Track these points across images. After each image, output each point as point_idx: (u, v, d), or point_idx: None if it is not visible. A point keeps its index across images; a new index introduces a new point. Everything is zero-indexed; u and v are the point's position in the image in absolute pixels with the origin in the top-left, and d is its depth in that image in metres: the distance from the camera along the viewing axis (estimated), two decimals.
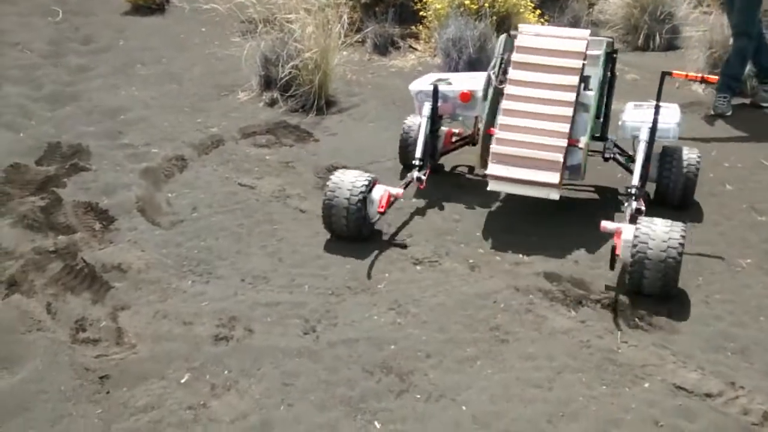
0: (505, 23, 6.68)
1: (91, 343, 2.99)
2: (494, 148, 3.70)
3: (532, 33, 3.86)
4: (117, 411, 2.65)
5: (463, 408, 2.66)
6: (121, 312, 3.18)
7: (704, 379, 2.76)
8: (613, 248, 3.20)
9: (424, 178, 3.91)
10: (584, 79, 3.79)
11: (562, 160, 3.62)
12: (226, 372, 2.84)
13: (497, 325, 3.10)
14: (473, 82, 4.11)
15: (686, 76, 3.98)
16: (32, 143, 4.79)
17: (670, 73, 3.88)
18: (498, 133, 3.72)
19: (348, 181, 3.59)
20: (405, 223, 3.89)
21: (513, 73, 3.78)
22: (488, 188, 3.75)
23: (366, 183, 3.60)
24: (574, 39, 3.83)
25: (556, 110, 3.71)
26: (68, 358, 2.89)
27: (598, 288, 3.31)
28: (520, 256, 3.58)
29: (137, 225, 3.88)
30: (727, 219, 3.92)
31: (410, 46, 6.87)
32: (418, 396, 2.72)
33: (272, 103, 5.51)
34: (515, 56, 3.80)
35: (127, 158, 4.65)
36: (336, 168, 4.50)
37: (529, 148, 3.67)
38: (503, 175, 3.67)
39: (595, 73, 3.83)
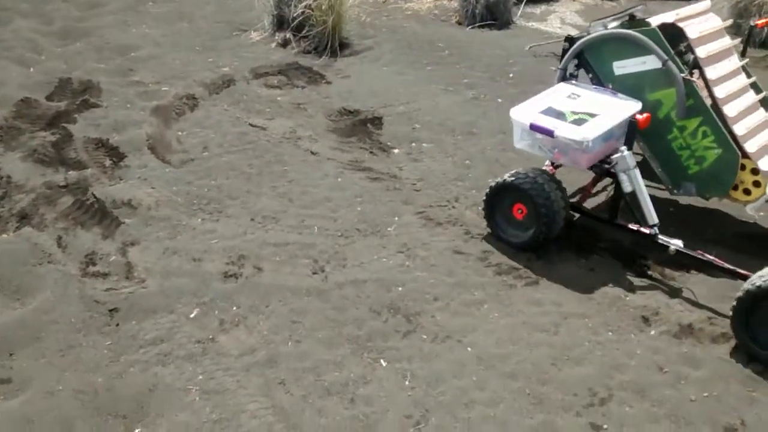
0: None
1: (101, 277, 3.01)
2: (762, 164, 3.07)
3: (682, 19, 3.22)
4: (126, 343, 2.68)
5: (469, 349, 2.68)
6: (131, 247, 3.20)
7: (710, 327, 2.76)
8: None
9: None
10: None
11: None
12: (234, 308, 2.87)
13: (506, 270, 3.10)
14: (625, 103, 3.13)
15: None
16: (42, 78, 4.76)
17: (756, 25, 3.61)
18: (747, 145, 3.10)
19: None
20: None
21: (710, 71, 3.16)
22: (751, 211, 3.19)
23: None
24: (707, 14, 3.39)
25: (750, 98, 3.33)
26: (78, 291, 2.91)
27: (607, 236, 3.28)
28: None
29: (147, 162, 3.87)
30: None
31: None
32: (425, 336, 2.74)
33: (285, 44, 5.43)
34: (699, 51, 3.15)
35: (137, 96, 4.61)
36: (348, 111, 4.48)
37: None
38: None
39: None
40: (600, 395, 2.46)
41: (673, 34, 3.13)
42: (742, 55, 3.55)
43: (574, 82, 3.33)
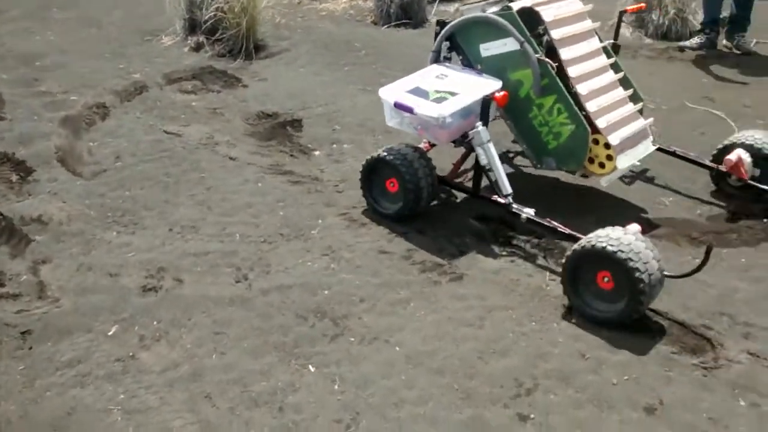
0: None
1: (11, 298, 2.87)
2: (611, 138, 3.28)
3: (539, 3, 3.37)
4: (41, 366, 2.56)
5: (397, 348, 2.68)
6: (43, 265, 3.06)
7: None
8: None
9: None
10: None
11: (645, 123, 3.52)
12: (155, 323, 2.78)
13: (430, 267, 3.12)
14: (487, 82, 3.32)
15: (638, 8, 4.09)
16: None
17: (625, 10, 3.94)
18: (599, 121, 3.29)
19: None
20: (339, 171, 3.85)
21: (565, 52, 3.32)
22: (605, 183, 3.42)
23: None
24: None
25: (607, 78, 3.48)
26: None
27: (525, 228, 3.35)
28: (452, 199, 3.60)
29: (57, 176, 3.71)
30: (651, 159, 4.01)
31: None
32: (352, 339, 2.73)
33: (198, 48, 5.32)
34: (555, 33, 3.32)
35: (44, 106, 4.42)
36: (266, 114, 4.42)
37: (624, 124, 3.41)
38: (630, 162, 3.40)
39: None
40: (526, 385, 2.51)
41: (531, 18, 3.33)
42: (615, 38, 3.81)
43: (446, 64, 3.50)
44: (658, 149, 3.63)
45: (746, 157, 3.51)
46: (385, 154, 3.35)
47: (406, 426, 2.35)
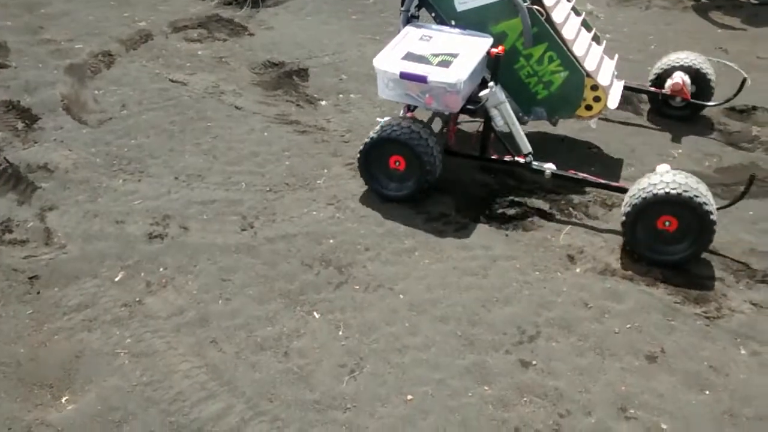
0: None
1: (18, 244, 2.89)
2: (600, 79, 3.30)
3: None
4: (49, 311, 2.60)
5: (401, 296, 2.70)
6: (49, 212, 3.08)
7: (631, 262, 2.85)
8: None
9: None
10: None
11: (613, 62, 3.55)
12: (161, 269, 2.80)
13: (435, 216, 3.12)
14: (478, 39, 3.17)
15: None
16: None
17: None
18: (586, 64, 3.28)
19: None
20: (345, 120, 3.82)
21: (556, 16, 3.25)
22: (594, 125, 3.46)
23: None
24: None
25: (576, 21, 3.48)
26: None
27: (532, 178, 3.32)
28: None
29: (63, 123, 3.70)
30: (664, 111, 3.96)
31: None
32: (357, 287, 2.74)
33: None
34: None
35: (49, 54, 4.39)
36: (273, 63, 4.37)
37: (601, 64, 3.45)
38: (617, 100, 3.38)
39: None
40: (528, 333, 2.53)
41: None
42: None
43: (420, 23, 3.33)
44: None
45: (686, 78, 3.70)
46: (390, 131, 3.08)
47: (409, 371, 2.38)
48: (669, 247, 2.79)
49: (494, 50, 3.08)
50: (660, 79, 3.79)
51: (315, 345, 2.48)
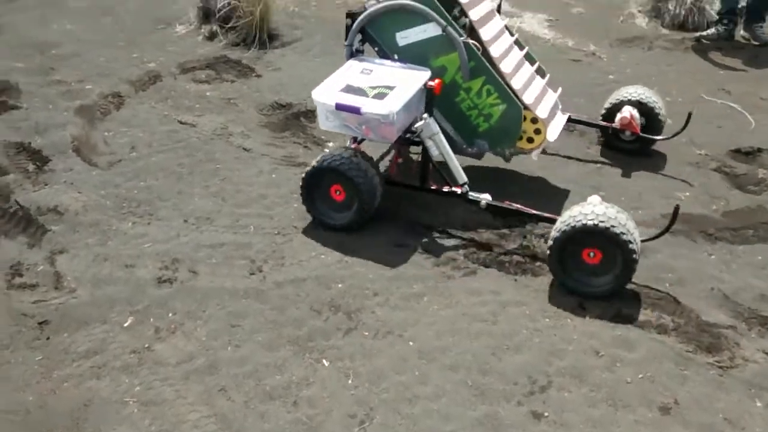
0: None
1: (28, 288, 2.90)
2: (539, 112, 3.37)
3: None
4: (58, 357, 2.59)
5: (410, 343, 2.69)
6: (59, 255, 3.08)
7: (642, 309, 2.85)
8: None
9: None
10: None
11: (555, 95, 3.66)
12: (170, 314, 2.80)
13: (444, 261, 3.12)
14: (416, 72, 3.25)
15: None
16: None
17: None
18: (524, 97, 3.35)
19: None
20: None
21: (483, 33, 3.36)
22: (535, 156, 3.47)
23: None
24: None
25: (517, 55, 3.56)
26: (4, 305, 2.79)
27: (540, 224, 3.33)
28: (471, 194, 3.58)
29: (73, 165, 3.73)
30: (668, 153, 3.98)
31: None
32: (366, 333, 2.73)
33: (211, 37, 5.31)
34: (472, 14, 3.36)
35: (60, 95, 4.43)
36: (280, 105, 4.41)
37: (542, 97, 3.52)
38: (557, 133, 3.46)
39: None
40: (540, 383, 2.51)
41: (446, 1, 3.28)
42: (498, 12, 3.75)
43: (364, 57, 3.40)
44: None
45: (635, 113, 3.78)
46: (329, 161, 3.16)
47: (420, 422, 2.36)
48: (593, 279, 2.85)
49: (431, 83, 3.16)
50: (610, 114, 3.89)
51: (324, 394, 2.47)
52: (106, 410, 2.38)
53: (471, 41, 3.22)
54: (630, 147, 3.92)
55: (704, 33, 5.62)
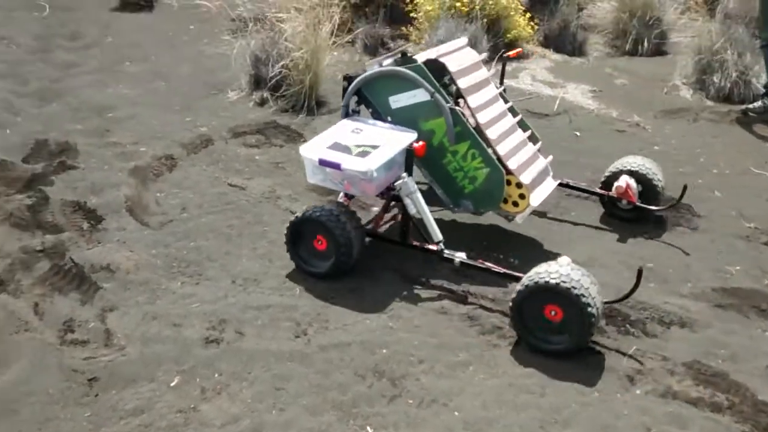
0: (495, 26, 6.70)
1: (79, 345, 2.95)
2: (523, 178, 3.50)
3: (443, 54, 3.60)
4: (106, 414, 2.61)
5: (456, 413, 2.65)
6: (110, 313, 3.15)
7: (695, 385, 2.78)
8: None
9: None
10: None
11: (546, 162, 3.77)
12: (216, 375, 2.82)
13: (489, 329, 3.10)
14: (403, 134, 3.44)
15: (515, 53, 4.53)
16: (19, 140, 4.72)
17: (508, 55, 4.29)
18: (509, 163, 3.51)
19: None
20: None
21: (471, 100, 3.56)
22: (520, 220, 3.59)
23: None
24: (464, 49, 3.81)
25: (508, 122, 3.72)
26: (56, 360, 2.84)
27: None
28: (511, 260, 3.58)
29: (126, 225, 3.84)
30: (717, 226, 3.95)
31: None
32: (411, 401, 2.71)
33: (262, 103, 5.47)
34: (461, 82, 3.55)
35: (115, 157, 4.59)
36: None
37: (530, 163, 3.65)
38: (542, 199, 3.60)
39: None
40: None
41: (436, 69, 3.51)
42: (501, 83, 4.05)
43: (357, 117, 3.63)
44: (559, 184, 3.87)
45: (632, 182, 3.83)
46: (312, 212, 3.36)
47: None
48: (551, 337, 2.92)
49: (416, 145, 3.33)
50: (609, 182, 3.95)
51: None
52: None
53: (457, 108, 3.43)
54: (628, 216, 3.95)
55: (750, 106, 5.61)
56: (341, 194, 3.60)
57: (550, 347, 2.91)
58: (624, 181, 3.82)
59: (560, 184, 3.91)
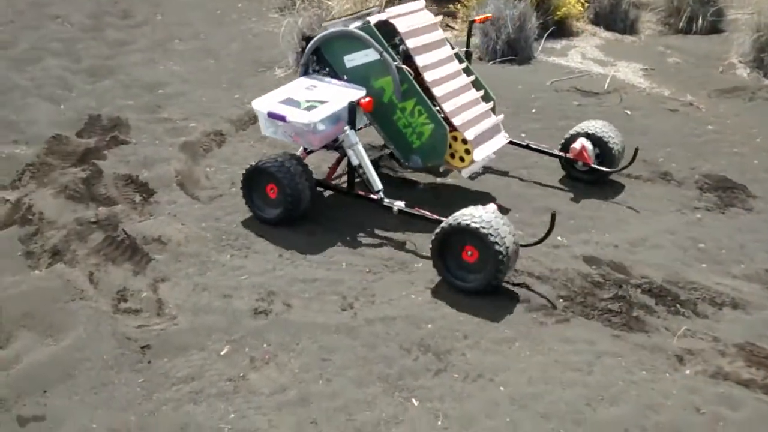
0: (544, 3, 6.59)
1: (132, 313, 3.03)
2: (468, 134, 3.65)
3: (393, 16, 3.72)
4: (158, 380, 2.68)
5: (501, 389, 2.65)
6: (162, 283, 3.22)
7: (747, 367, 2.72)
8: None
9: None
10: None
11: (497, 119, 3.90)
12: (265, 345, 2.87)
13: (536, 307, 3.08)
14: (352, 90, 3.64)
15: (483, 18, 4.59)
16: (73, 115, 4.84)
17: (474, 20, 4.37)
18: (455, 120, 3.67)
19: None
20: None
21: (420, 60, 3.68)
22: (466, 174, 3.79)
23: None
24: (420, 12, 3.89)
25: (460, 81, 3.82)
26: (110, 328, 2.93)
27: (638, 272, 3.26)
28: (558, 238, 3.55)
29: (176, 198, 3.91)
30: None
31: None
32: (456, 375, 2.72)
33: None
34: (410, 42, 3.67)
35: (166, 132, 4.68)
36: (372, 146, 4.51)
37: (478, 121, 3.77)
38: (486, 155, 3.75)
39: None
40: None
41: (387, 30, 3.67)
42: (467, 46, 4.25)
43: (314, 75, 3.82)
44: (511, 142, 4.00)
45: (588, 145, 3.94)
46: (264, 163, 3.54)
47: None
48: (467, 275, 3.13)
49: (363, 101, 3.51)
50: (567, 145, 4.06)
51: None
52: None
53: (404, 66, 3.59)
54: (586, 178, 4.07)
55: None
56: (300, 147, 3.81)
57: (465, 285, 3.12)
58: (580, 143, 3.93)
59: (514, 143, 4.07)
